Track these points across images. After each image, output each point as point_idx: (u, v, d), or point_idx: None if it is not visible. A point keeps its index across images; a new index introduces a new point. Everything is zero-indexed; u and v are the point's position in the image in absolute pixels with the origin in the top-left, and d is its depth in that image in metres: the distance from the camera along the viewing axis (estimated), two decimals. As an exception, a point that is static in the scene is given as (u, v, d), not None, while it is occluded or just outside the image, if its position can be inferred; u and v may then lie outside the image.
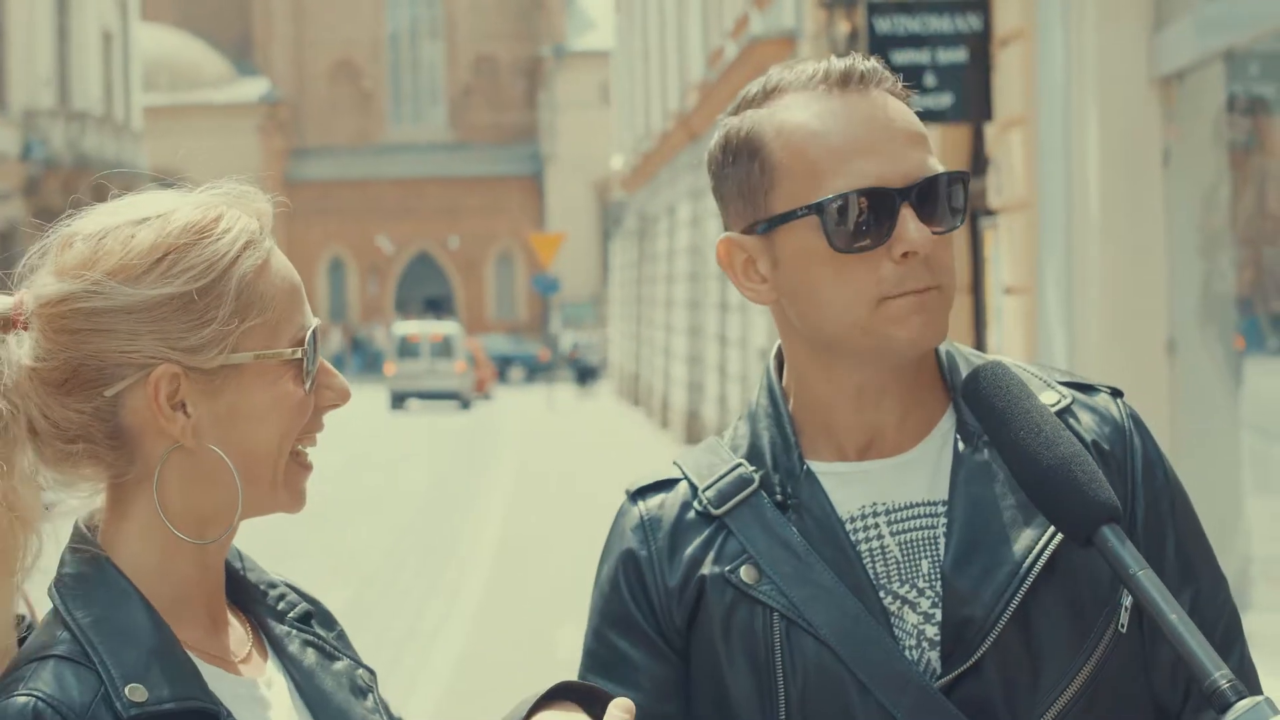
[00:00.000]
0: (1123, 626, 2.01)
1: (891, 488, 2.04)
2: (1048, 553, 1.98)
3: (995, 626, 1.97)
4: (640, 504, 2.12)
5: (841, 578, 2.00)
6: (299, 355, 1.85)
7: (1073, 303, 9.27)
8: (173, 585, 1.86)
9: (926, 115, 2.21)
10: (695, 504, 2.08)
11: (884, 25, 10.56)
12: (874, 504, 2.04)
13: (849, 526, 2.03)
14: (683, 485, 2.11)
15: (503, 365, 63.99)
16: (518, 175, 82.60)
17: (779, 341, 2.15)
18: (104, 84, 46.79)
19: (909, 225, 1.96)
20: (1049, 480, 1.90)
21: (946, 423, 2.07)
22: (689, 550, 2.07)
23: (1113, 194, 9.06)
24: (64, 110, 42.77)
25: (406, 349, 47.74)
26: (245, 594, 1.97)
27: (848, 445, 2.06)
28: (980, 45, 10.55)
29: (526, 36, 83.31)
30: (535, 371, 64.59)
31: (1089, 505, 1.87)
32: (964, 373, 2.07)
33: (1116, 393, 2.13)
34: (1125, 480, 2.06)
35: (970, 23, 10.51)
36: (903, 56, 10.29)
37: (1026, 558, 1.99)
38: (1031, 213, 9.95)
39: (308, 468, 1.91)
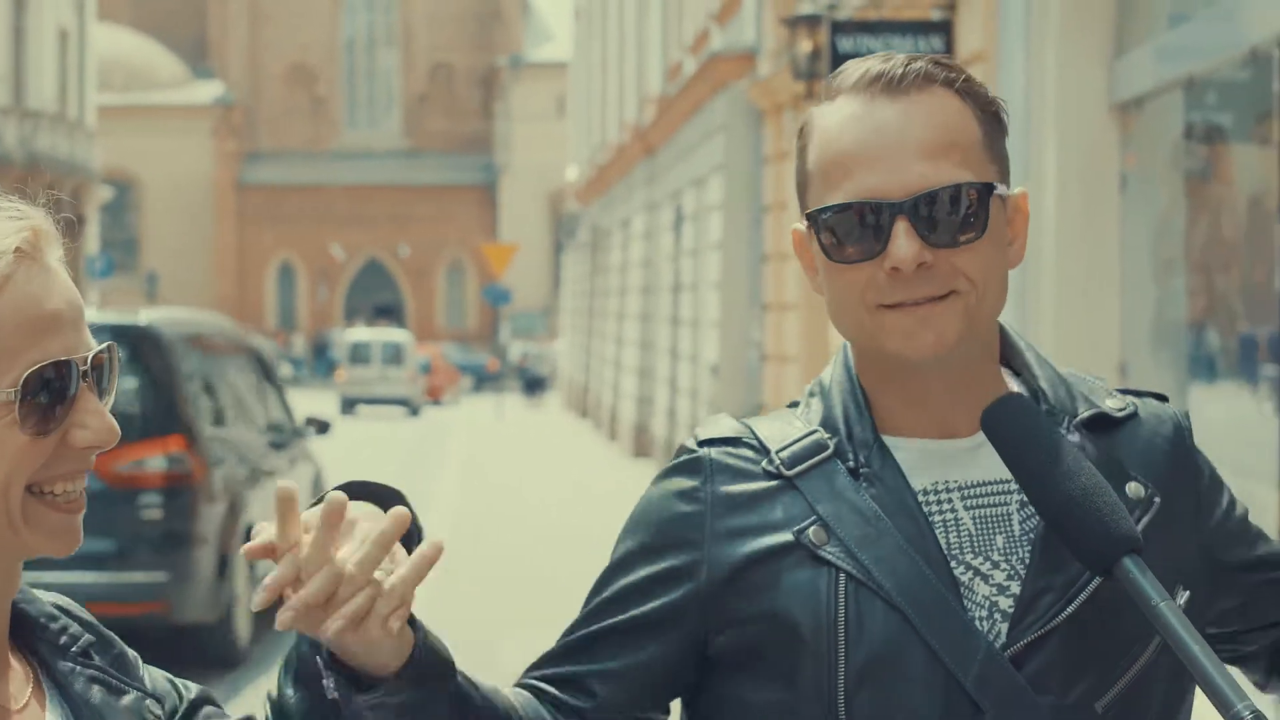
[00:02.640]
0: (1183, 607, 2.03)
1: (963, 467, 2.05)
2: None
3: (1074, 600, 1.98)
4: (707, 449, 2.09)
5: (912, 545, 2.00)
6: (12, 397, 1.66)
7: (1026, 324, 9.31)
8: None
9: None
10: (765, 463, 2.07)
11: (846, 44, 10.59)
12: (946, 480, 2.05)
13: (921, 498, 2.03)
14: (752, 444, 2.09)
15: (451, 374, 63.97)
16: (471, 184, 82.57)
17: None
18: (59, 83, 46.57)
19: (899, 241, 1.96)
20: (1070, 511, 1.90)
21: None
22: (750, 501, 2.05)
23: (1069, 218, 9.10)
24: (18, 108, 42.57)
25: (358, 355, 47.98)
26: (29, 632, 1.80)
27: (915, 426, 2.07)
28: (941, 67, 10.58)
29: (483, 46, 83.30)
30: (484, 381, 64.55)
31: (1111, 537, 1.88)
32: (1026, 355, 2.13)
33: (1162, 397, 2.17)
34: (1199, 476, 2.12)
35: (933, 44, 10.55)
36: (864, 76, 10.32)
37: None
38: (988, 234, 9.97)
39: (65, 509, 1.71)
